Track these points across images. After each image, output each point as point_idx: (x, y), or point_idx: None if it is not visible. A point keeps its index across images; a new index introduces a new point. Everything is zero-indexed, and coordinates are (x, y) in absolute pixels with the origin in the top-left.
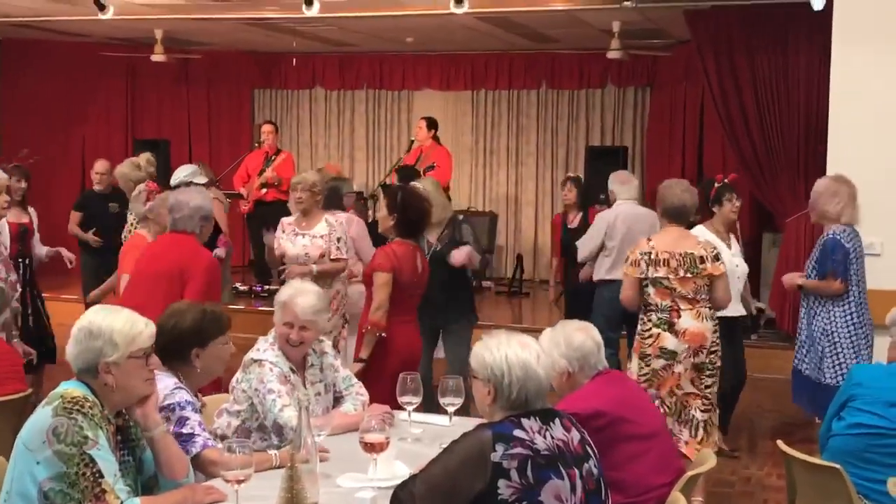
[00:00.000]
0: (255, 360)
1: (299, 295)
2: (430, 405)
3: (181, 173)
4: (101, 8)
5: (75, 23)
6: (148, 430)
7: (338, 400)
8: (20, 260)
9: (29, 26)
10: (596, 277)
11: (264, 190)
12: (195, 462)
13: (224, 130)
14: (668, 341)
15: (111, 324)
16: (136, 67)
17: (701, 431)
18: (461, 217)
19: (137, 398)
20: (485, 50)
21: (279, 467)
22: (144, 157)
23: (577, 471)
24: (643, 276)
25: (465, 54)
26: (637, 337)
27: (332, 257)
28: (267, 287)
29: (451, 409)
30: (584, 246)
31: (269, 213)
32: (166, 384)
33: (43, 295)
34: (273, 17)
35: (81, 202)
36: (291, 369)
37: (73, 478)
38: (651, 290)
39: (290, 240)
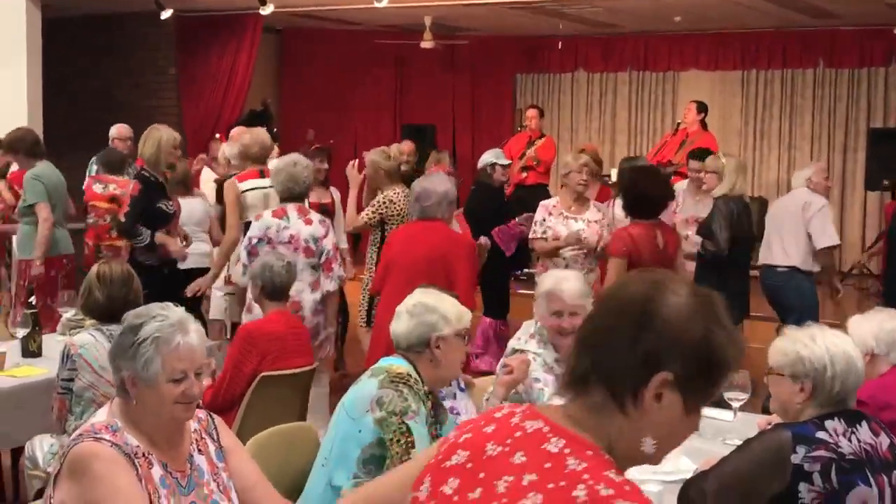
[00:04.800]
0: (517, 350)
1: (563, 281)
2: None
3: (486, 157)
4: None
5: (351, 11)
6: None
7: None
8: None
9: (308, 16)
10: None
11: (525, 174)
12: None
13: (487, 115)
14: None
15: (440, 302)
16: (404, 55)
17: None
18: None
19: (453, 377)
20: (757, 27)
21: None
22: (396, 148)
23: (885, 478)
24: None
25: (736, 33)
26: None
27: (603, 243)
28: (525, 270)
29: (735, 405)
30: None
31: (529, 196)
32: None
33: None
34: None
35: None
36: (557, 360)
37: (387, 443)
38: None
39: (562, 223)
